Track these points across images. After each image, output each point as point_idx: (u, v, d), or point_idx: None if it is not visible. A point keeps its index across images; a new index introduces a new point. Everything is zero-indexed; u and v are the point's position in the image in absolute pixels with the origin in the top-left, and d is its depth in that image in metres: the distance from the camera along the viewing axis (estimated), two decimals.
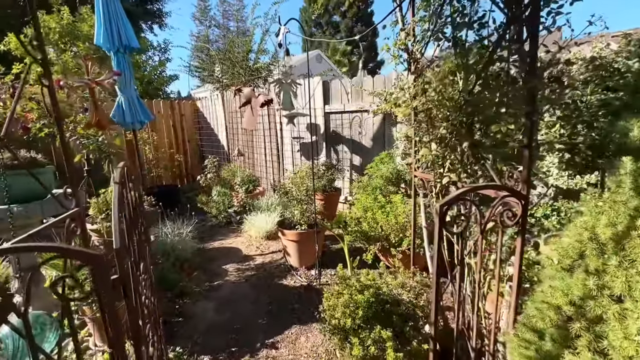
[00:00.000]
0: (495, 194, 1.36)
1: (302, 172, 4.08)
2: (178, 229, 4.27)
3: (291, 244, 3.34)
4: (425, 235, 2.19)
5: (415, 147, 2.07)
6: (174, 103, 7.45)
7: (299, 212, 3.28)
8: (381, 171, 3.88)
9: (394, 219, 2.87)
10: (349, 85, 4.81)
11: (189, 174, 7.63)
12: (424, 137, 1.79)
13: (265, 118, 5.87)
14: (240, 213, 4.67)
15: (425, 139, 1.76)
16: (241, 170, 5.46)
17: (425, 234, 2.19)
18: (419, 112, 1.89)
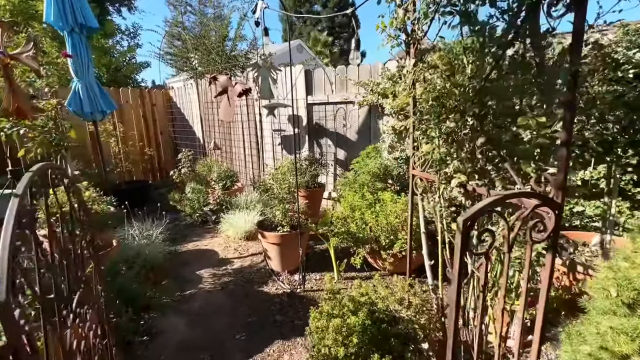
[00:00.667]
0: (518, 202, 1.12)
1: (283, 168, 3.76)
2: (147, 230, 3.86)
3: (272, 247, 3.04)
4: (424, 241, 1.95)
5: (414, 143, 1.81)
6: (144, 92, 6.87)
7: (281, 212, 2.97)
8: (368, 166, 3.63)
9: (385, 219, 2.62)
10: (333, 74, 4.50)
11: (162, 169, 7.11)
12: (428, 130, 1.53)
13: (243, 109, 5.47)
14: (217, 211, 4.30)
15: (431, 133, 1.50)
16: (218, 165, 5.06)
17: (423, 239, 1.95)
18: (421, 101, 1.63)
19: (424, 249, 1.93)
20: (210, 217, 4.41)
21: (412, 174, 1.83)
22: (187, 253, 3.76)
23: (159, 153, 7.13)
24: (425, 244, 1.94)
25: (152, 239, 3.72)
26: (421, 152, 1.67)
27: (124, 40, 9.75)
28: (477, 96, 1.33)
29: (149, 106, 6.92)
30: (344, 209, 3.01)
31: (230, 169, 5.04)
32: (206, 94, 6.02)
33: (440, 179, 1.52)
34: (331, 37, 18.28)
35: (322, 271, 3.14)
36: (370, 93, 4.04)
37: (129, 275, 2.72)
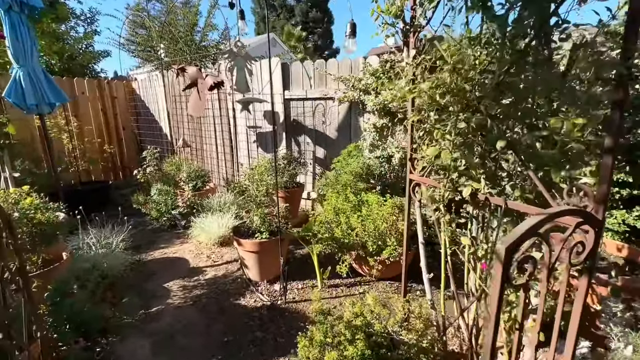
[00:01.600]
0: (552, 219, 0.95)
1: (260, 168, 3.47)
2: (106, 237, 3.44)
3: (250, 256, 2.76)
4: (422, 252, 1.77)
5: (413, 144, 1.62)
6: (103, 83, 6.23)
7: (259, 217, 2.70)
8: (350, 166, 3.43)
9: (372, 224, 2.43)
10: (312, 69, 4.25)
11: (125, 167, 6.52)
12: (434, 132, 1.34)
13: (215, 103, 5.07)
14: (187, 215, 3.93)
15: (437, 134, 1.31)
16: (187, 164, 4.66)
17: (422, 250, 1.77)
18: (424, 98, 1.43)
19: (422, 261, 1.76)
20: (180, 221, 4.03)
21: (410, 178, 1.64)
22: (153, 262, 3.38)
23: (121, 150, 6.53)
24: (424, 256, 1.76)
25: (112, 248, 3.31)
26: (422, 155, 1.47)
27: (79, 26, 8.82)
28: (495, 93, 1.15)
29: (108, 99, 6.29)
30: (327, 213, 2.80)
31: (202, 168, 4.66)
32: (173, 87, 5.54)
33: (447, 186, 1.34)
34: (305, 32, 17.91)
35: (304, 279, 2.91)
36: (351, 89, 3.84)
37: (83, 293, 2.34)
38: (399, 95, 1.53)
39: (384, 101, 3.41)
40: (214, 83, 4.13)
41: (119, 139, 6.48)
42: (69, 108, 5.45)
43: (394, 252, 2.36)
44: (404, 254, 1.82)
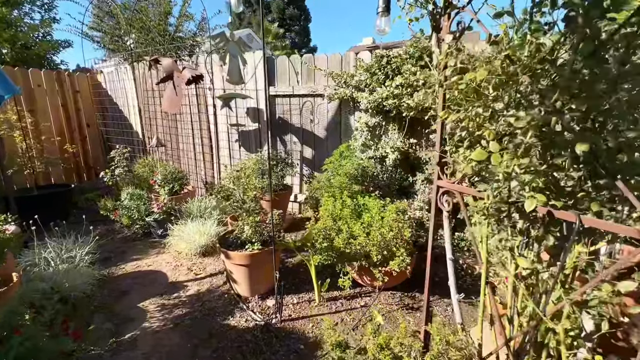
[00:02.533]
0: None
1: (247, 170, 3.14)
2: (68, 250, 2.98)
3: (239, 269, 2.44)
4: (451, 270, 1.55)
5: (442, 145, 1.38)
6: (63, 75, 5.56)
7: (250, 227, 2.38)
8: (344, 167, 3.18)
9: (378, 233, 2.20)
10: (299, 63, 3.96)
11: (90, 168, 5.88)
12: (482, 130, 1.11)
13: (193, 99, 4.64)
14: (164, 222, 3.51)
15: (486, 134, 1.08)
16: (163, 165, 4.21)
17: (450, 268, 1.55)
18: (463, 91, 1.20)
19: (451, 280, 1.54)
20: (155, 229, 3.59)
21: (439, 185, 1.41)
22: (125, 277, 2.96)
23: (86, 149, 5.88)
24: (453, 274, 1.54)
25: (76, 263, 2.86)
26: (460, 158, 1.24)
27: (35, 12, 7.93)
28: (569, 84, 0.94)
29: (70, 93, 5.63)
30: (325, 219, 2.53)
31: (179, 170, 4.23)
32: (145, 81, 5.03)
33: (497, 197, 1.11)
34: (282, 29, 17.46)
35: (298, 291, 2.63)
36: (342, 86, 3.59)
37: (37, 325, 1.92)
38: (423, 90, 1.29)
39: (380, 99, 3.19)
40: (192, 77, 3.72)
41: (83, 137, 5.83)
42: (22, 102, 4.79)
43: (402, 263, 2.14)
44: (428, 270, 1.60)
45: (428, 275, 1.59)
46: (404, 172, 3.52)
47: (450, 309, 2.45)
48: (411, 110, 3.10)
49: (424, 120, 3.29)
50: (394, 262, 2.13)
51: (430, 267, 1.58)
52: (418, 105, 3.00)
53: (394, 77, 3.04)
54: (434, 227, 1.53)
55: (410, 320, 2.28)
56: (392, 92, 3.03)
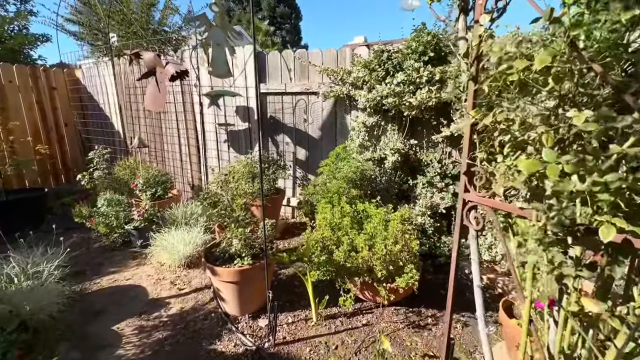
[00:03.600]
0: None
1: (237, 173, 2.85)
2: (35, 264, 2.64)
3: (228, 287, 2.16)
4: (479, 299, 1.30)
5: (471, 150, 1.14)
6: (38, 70, 5.14)
7: (240, 239, 2.10)
8: (342, 171, 2.93)
9: (383, 245, 1.95)
10: (292, 59, 3.68)
11: (69, 170, 5.47)
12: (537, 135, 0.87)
13: (178, 96, 4.31)
14: (145, 230, 3.19)
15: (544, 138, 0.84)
16: (145, 168, 3.87)
17: (479, 298, 1.30)
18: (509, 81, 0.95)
19: (479, 310, 1.29)
20: (136, 238, 3.27)
21: (466, 199, 1.16)
22: (100, 294, 2.64)
23: (63, 150, 5.47)
24: (481, 305, 1.29)
25: (43, 279, 2.53)
26: (500, 168, 0.99)
27: (9, 4, 7.41)
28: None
29: (45, 90, 5.21)
30: (322, 229, 2.27)
31: (163, 173, 3.90)
32: (127, 77, 4.67)
33: (555, 218, 0.87)
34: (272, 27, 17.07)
35: (293, 308, 2.37)
36: (338, 83, 3.33)
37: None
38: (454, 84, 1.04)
39: (379, 97, 2.95)
40: (176, 72, 3.40)
41: (60, 136, 5.41)
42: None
43: (411, 280, 1.90)
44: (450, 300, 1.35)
45: (449, 312, 1.35)
46: (403, 175, 3.29)
47: (459, 325, 2.23)
48: (413, 109, 2.86)
49: (426, 120, 3.06)
50: (402, 279, 1.89)
51: (453, 298, 1.33)
52: (421, 104, 2.76)
53: (395, 74, 2.79)
54: (457, 248, 1.28)
55: (418, 341, 2.04)
56: (392, 90, 2.79)
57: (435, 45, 2.66)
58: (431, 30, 2.78)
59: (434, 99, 2.67)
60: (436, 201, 2.98)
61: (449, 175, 3.04)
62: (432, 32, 2.75)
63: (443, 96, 2.65)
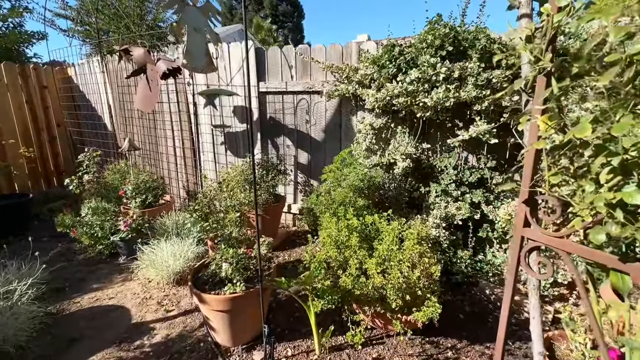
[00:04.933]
0: None
1: (231, 182, 2.55)
2: (8, 281, 2.36)
3: (218, 316, 1.85)
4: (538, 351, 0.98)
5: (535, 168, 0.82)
6: (28, 69, 4.85)
7: (231, 263, 1.79)
8: (348, 178, 2.62)
9: (399, 271, 1.63)
10: (293, 56, 3.36)
11: (61, 173, 5.19)
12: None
13: (172, 96, 4.01)
14: (132, 241, 2.90)
15: None
16: (136, 172, 3.57)
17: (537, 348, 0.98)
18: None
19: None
20: (122, 250, 2.97)
21: (527, 237, 0.85)
22: (78, 316, 2.34)
23: (55, 152, 5.19)
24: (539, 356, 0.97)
25: (15, 299, 2.24)
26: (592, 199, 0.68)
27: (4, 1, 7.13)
28: None
29: (36, 89, 4.93)
30: (326, 246, 1.96)
31: (155, 178, 3.60)
32: (119, 75, 4.37)
33: None
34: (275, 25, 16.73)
35: (293, 337, 2.06)
36: (344, 81, 3.01)
37: None
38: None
39: (389, 96, 2.63)
40: (168, 69, 3.10)
41: (52, 137, 5.13)
42: None
43: (434, 312, 1.58)
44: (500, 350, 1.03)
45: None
46: (414, 182, 2.97)
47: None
48: (427, 110, 2.54)
49: (440, 122, 2.75)
50: (422, 312, 1.58)
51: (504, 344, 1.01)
52: (437, 105, 2.44)
53: (408, 71, 2.47)
54: (509, 299, 0.96)
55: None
56: (405, 89, 2.47)
57: (454, 38, 2.33)
58: (448, 23, 2.45)
59: (452, 98, 2.35)
60: (451, 211, 2.66)
61: (465, 182, 2.72)
62: (449, 24, 2.43)
63: (462, 96, 2.32)
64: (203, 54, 1.35)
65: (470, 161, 2.78)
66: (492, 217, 2.55)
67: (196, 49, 1.38)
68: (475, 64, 2.22)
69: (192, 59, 1.32)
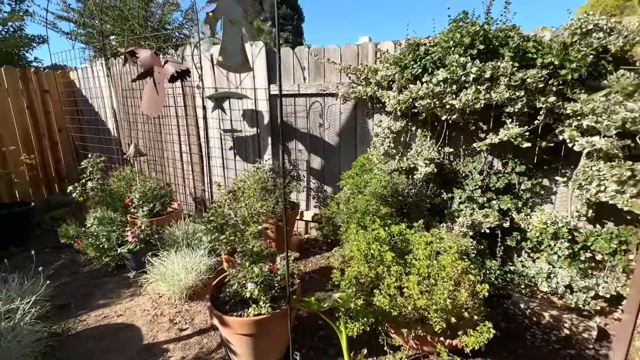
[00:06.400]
0: None
1: (248, 189, 2.37)
2: (10, 299, 2.18)
3: (241, 340, 1.67)
4: None
5: None
6: (29, 73, 4.66)
7: (257, 283, 1.61)
8: (370, 185, 2.45)
9: (443, 290, 1.46)
10: (306, 56, 3.20)
11: (63, 180, 5.00)
12: None
13: (178, 99, 3.83)
14: (140, 253, 2.71)
15: None
16: (142, 179, 3.39)
17: None
18: None
19: None
20: (130, 262, 2.79)
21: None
22: (85, 336, 2.15)
23: (57, 158, 4.99)
24: None
25: (18, 319, 2.05)
26: None
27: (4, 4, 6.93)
28: None
29: (37, 93, 4.74)
30: (356, 261, 1.79)
31: (161, 185, 3.41)
32: (123, 78, 4.19)
33: None
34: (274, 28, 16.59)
35: (319, 358, 1.88)
36: (362, 83, 2.84)
37: None
38: None
39: (412, 98, 2.47)
40: (176, 72, 2.93)
41: (53, 143, 4.93)
42: None
43: (487, 336, 1.41)
44: None
45: None
46: (436, 188, 2.81)
47: None
48: (454, 112, 2.38)
49: (463, 125, 2.59)
50: (474, 338, 1.40)
51: None
52: (465, 107, 2.28)
53: (434, 71, 2.31)
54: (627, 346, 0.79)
55: None
56: (431, 90, 2.30)
57: (484, 36, 2.17)
58: (476, 21, 2.29)
59: (483, 100, 2.18)
60: (478, 219, 2.49)
61: (492, 188, 2.56)
62: (476, 22, 2.27)
63: (493, 97, 2.16)
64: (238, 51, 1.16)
65: (495, 166, 2.62)
66: (524, 225, 2.39)
67: (232, 45, 1.19)
68: (509, 63, 2.06)
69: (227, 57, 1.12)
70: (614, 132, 1.91)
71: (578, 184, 2.14)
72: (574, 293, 2.13)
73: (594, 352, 1.88)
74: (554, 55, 1.97)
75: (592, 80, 2.07)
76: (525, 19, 18.74)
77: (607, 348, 1.91)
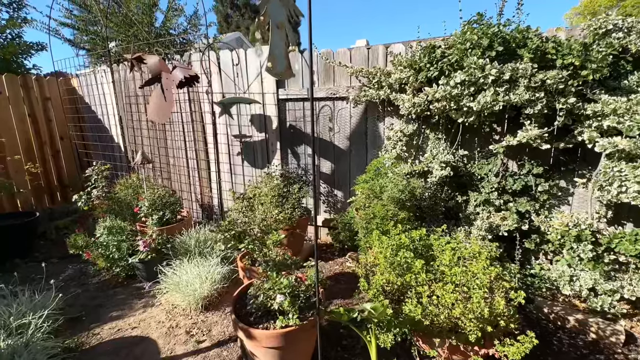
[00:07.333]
0: None
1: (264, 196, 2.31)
2: (21, 313, 2.10)
3: (268, 353, 1.61)
4: None
5: None
6: (30, 79, 4.57)
7: (287, 296, 1.55)
8: (388, 189, 2.40)
9: (480, 298, 1.41)
10: (315, 61, 3.16)
11: (66, 188, 4.89)
12: None
13: (185, 105, 3.77)
14: (152, 262, 2.63)
15: None
16: (150, 187, 3.31)
17: None
18: None
19: None
20: (142, 272, 2.71)
21: None
22: (100, 350, 2.07)
23: (59, 166, 4.89)
24: None
25: (30, 334, 1.98)
26: None
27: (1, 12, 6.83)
28: None
29: (39, 101, 4.65)
30: (381, 268, 1.73)
31: (170, 193, 3.34)
32: (128, 85, 4.12)
33: None
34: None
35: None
36: (374, 86, 2.81)
37: None
38: None
39: (428, 101, 2.43)
40: (184, 77, 2.89)
41: (55, 151, 4.83)
42: None
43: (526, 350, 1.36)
44: None
45: None
46: (450, 191, 2.77)
47: None
48: (471, 115, 2.35)
49: (477, 127, 2.55)
50: (515, 348, 1.35)
51: None
52: (483, 109, 2.24)
53: (451, 74, 2.28)
54: None
55: None
56: (449, 92, 2.27)
57: (502, 38, 2.15)
58: (491, 22, 2.27)
59: (502, 102, 2.15)
60: (495, 222, 2.46)
61: (508, 190, 2.52)
62: (492, 23, 2.25)
63: (513, 99, 2.13)
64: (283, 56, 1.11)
65: (511, 168, 2.59)
66: (544, 228, 2.35)
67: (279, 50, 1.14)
68: (529, 65, 2.03)
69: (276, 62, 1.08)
70: (638, 132, 1.88)
71: (599, 185, 2.11)
72: (598, 296, 2.09)
73: (623, 357, 1.84)
74: (575, 56, 1.95)
75: (611, 81, 2.05)
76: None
77: (635, 352, 1.87)
